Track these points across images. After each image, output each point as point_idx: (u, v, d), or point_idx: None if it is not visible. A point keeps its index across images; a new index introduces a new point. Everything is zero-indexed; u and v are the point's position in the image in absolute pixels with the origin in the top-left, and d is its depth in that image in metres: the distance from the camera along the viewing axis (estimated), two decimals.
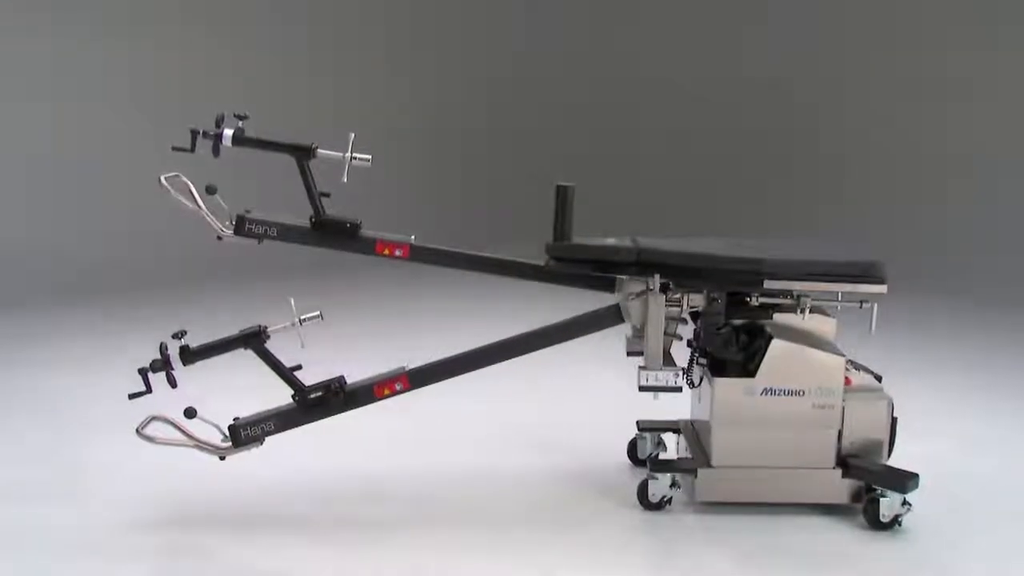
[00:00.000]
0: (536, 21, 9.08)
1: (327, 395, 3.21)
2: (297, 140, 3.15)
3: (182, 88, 7.48)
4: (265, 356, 3.17)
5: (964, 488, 3.54)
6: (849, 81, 8.26)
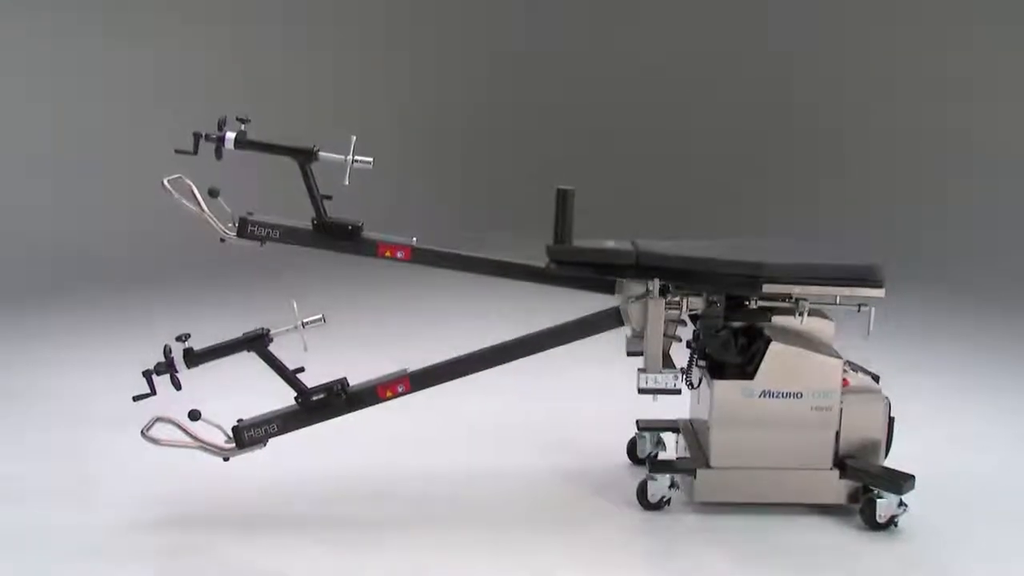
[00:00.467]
0: (536, 21, 9.09)
1: (329, 397, 3.23)
2: (298, 143, 3.16)
3: (182, 88, 7.49)
4: (268, 359, 3.19)
5: (963, 488, 3.55)
6: (849, 81, 8.27)
